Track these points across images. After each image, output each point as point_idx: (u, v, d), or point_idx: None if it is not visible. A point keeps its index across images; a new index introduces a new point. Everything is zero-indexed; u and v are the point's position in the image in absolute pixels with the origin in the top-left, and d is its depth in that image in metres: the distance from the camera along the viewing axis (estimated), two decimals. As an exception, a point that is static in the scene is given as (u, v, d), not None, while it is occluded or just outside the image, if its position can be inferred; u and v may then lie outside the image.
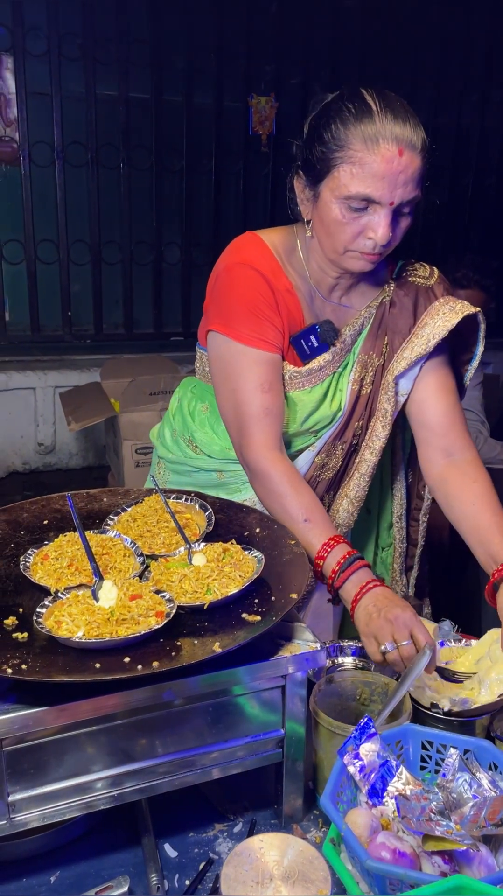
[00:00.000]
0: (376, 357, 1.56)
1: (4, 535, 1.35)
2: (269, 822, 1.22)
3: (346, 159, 1.32)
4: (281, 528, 1.36)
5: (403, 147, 1.31)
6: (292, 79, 4.65)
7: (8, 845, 1.11)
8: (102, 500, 1.48)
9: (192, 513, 1.41)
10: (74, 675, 0.99)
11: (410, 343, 1.54)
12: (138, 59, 4.32)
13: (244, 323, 1.47)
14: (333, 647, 1.59)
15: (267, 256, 1.50)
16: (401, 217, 1.39)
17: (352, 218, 1.36)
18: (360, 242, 1.39)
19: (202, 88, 4.52)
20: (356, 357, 1.56)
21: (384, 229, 1.35)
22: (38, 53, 4.15)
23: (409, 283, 1.57)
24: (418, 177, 1.35)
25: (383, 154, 1.30)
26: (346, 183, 1.33)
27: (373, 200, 1.33)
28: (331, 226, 1.39)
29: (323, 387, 1.56)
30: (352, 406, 1.58)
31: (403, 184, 1.32)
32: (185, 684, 1.05)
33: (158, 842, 1.17)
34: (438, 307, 1.54)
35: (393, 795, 1.08)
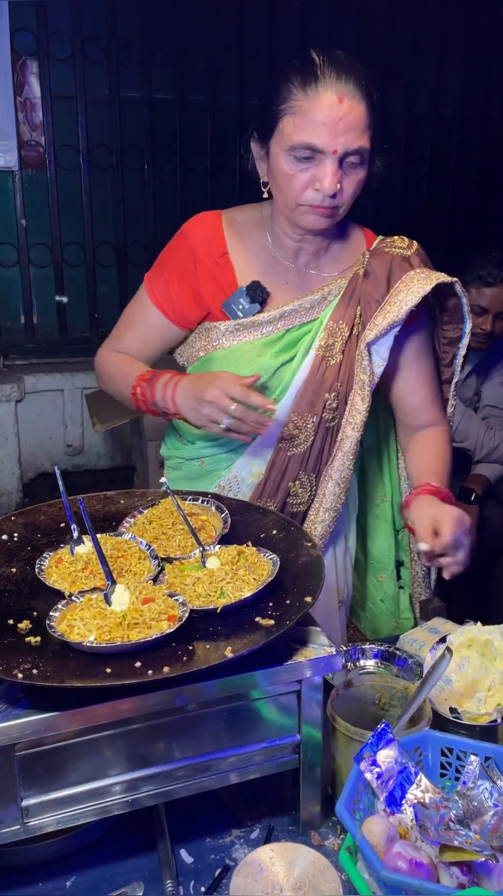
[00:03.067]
0: (346, 326, 1.55)
1: (21, 538, 1.35)
2: (287, 829, 1.20)
3: (289, 111, 1.36)
4: (297, 529, 1.34)
5: (343, 95, 1.34)
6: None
7: (23, 850, 1.11)
8: (119, 503, 1.48)
9: (209, 515, 1.39)
10: (85, 679, 0.98)
11: (383, 310, 1.53)
12: (161, 61, 4.32)
13: (154, 270, 1.63)
14: (354, 649, 1.57)
15: (208, 226, 1.56)
16: (350, 169, 1.39)
17: (300, 170, 1.37)
18: (309, 195, 1.40)
19: (225, 88, 4.50)
20: (324, 324, 1.55)
21: (330, 178, 1.36)
22: (62, 57, 4.17)
23: (385, 254, 1.57)
24: (363, 125, 1.37)
25: (323, 101, 1.33)
26: (290, 134, 1.36)
27: (317, 149, 1.35)
28: (280, 180, 1.41)
29: (271, 341, 1.55)
30: (316, 373, 1.56)
31: (345, 131, 1.34)
32: (198, 689, 1.03)
33: (174, 847, 1.16)
34: (413, 275, 1.53)
35: (411, 803, 1.06)
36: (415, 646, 1.58)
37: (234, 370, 1.51)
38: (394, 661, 1.55)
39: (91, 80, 4.23)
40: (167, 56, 4.33)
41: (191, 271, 1.56)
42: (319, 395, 1.57)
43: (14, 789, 1.02)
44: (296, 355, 1.56)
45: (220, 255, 1.55)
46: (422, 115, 4.93)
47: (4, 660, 1.01)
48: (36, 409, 4.40)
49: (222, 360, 1.56)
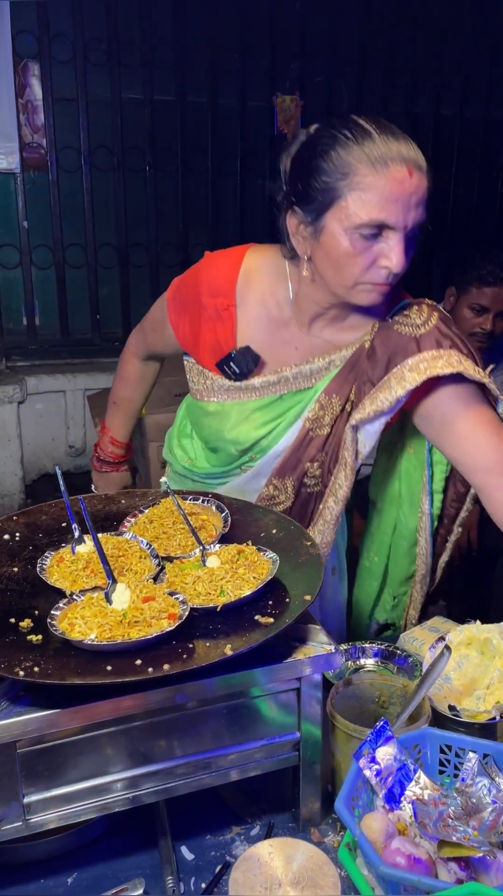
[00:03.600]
0: (338, 402, 1.48)
1: (23, 538, 1.36)
2: (287, 826, 1.21)
3: (355, 186, 1.25)
4: (297, 528, 1.35)
5: (412, 167, 1.26)
6: (317, 77, 4.62)
7: (25, 847, 1.12)
8: (120, 502, 1.49)
9: (209, 514, 1.40)
10: (86, 677, 0.99)
11: (372, 395, 1.44)
12: (162, 62, 4.33)
13: (177, 290, 1.61)
14: (354, 648, 1.58)
15: (223, 275, 1.49)
16: (410, 241, 1.31)
17: (364, 247, 1.29)
18: (373, 273, 1.31)
19: (226, 89, 4.51)
20: (317, 396, 1.49)
21: (399, 256, 1.28)
22: (63, 59, 4.18)
23: (393, 332, 1.45)
24: (426, 198, 1.30)
25: (394, 175, 1.24)
26: (357, 211, 1.26)
27: (388, 226, 1.27)
28: (340, 259, 1.31)
29: (262, 406, 1.51)
30: (300, 444, 1.52)
31: (415, 205, 1.27)
32: (198, 686, 1.04)
33: (175, 844, 1.17)
34: (413, 364, 1.41)
35: (410, 800, 1.07)
36: (415, 644, 1.59)
37: (223, 428, 1.54)
38: (394, 660, 1.56)
39: (92, 81, 4.25)
40: (168, 57, 4.34)
41: (195, 312, 1.53)
42: (301, 463, 1.55)
43: (16, 786, 1.03)
44: (282, 423, 1.52)
45: (225, 307, 1.48)
46: (423, 115, 4.94)
47: (6, 658, 1.02)
48: (38, 410, 4.41)
49: (214, 414, 1.55)
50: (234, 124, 4.58)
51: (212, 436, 1.59)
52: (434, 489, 1.71)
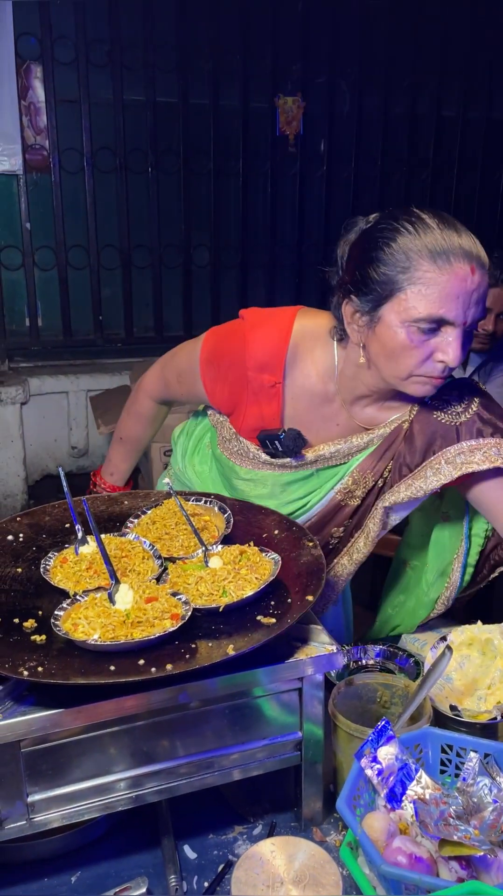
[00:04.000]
0: (371, 477, 1.49)
1: (26, 539, 1.37)
2: (289, 825, 1.21)
3: (416, 280, 1.24)
4: (299, 529, 1.35)
5: (474, 264, 1.24)
6: (319, 78, 4.63)
7: (29, 845, 1.13)
8: (123, 503, 1.49)
9: (211, 515, 1.41)
10: (90, 677, 1.00)
11: (407, 482, 1.44)
12: (165, 64, 4.34)
13: (211, 344, 1.54)
14: (356, 648, 1.59)
15: (270, 351, 1.43)
16: (468, 336, 1.30)
17: (422, 341, 1.27)
18: (429, 366, 1.29)
19: (229, 90, 4.52)
20: (350, 471, 1.49)
21: (457, 351, 1.26)
22: (66, 61, 4.20)
23: (433, 421, 1.43)
24: (485, 294, 1.28)
25: (456, 273, 1.22)
26: (416, 305, 1.24)
27: (447, 322, 1.25)
28: (396, 351, 1.30)
29: (298, 479, 1.52)
30: (330, 513, 1.53)
31: (475, 302, 1.25)
32: (201, 686, 1.05)
33: (178, 843, 1.18)
34: (451, 456, 1.40)
35: (411, 799, 1.07)
36: (417, 644, 1.60)
37: (253, 495, 1.53)
38: (396, 660, 1.57)
39: (95, 83, 4.26)
40: (170, 59, 4.35)
41: (237, 383, 1.48)
42: (326, 528, 1.56)
43: (20, 785, 1.03)
44: (316, 498, 1.52)
45: (272, 384, 1.44)
46: (425, 116, 4.95)
47: (10, 658, 1.03)
48: (41, 411, 4.42)
49: (246, 481, 1.54)
50: (236, 126, 4.59)
51: (242, 495, 1.57)
52: (468, 562, 1.66)
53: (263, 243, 4.81)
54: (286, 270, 4.92)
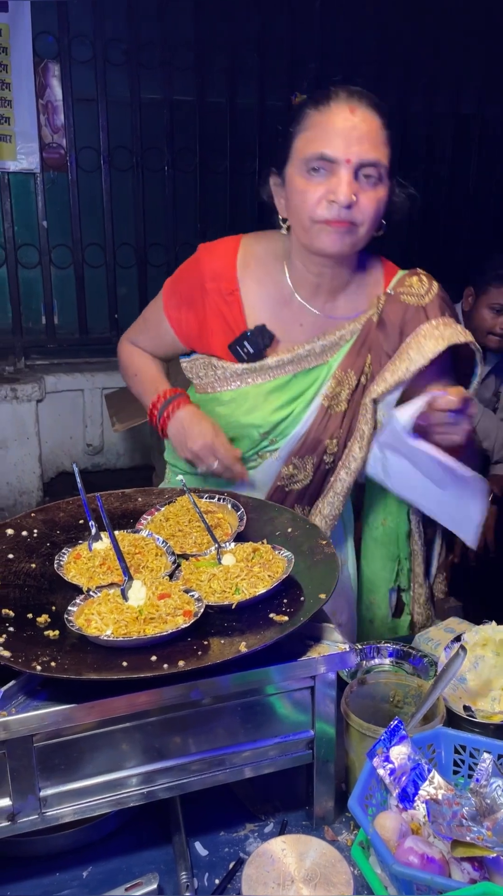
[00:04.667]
0: (354, 375, 1.52)
1: (41, 535, 1.38)
2: (301, 824, 1.21)
3: (304, 128, 1.38)
4: (313, 527, 1.35)
5: (356, 107, 1.35)
6: (335, 76, 4.60)
7: (41, 840, 1.13)
8: (137, 500, 1.50)
9: (225, 512, 1.41)
10: (102, 672, 1.00)
11: (392, 365, 1.49)
12: (181, 62, 4.35)
13: (172, 285, 1.62)
14: (369, 647, 1.58)
15: (222, 259, 1.53)
16: (367, 184, 1.37)
17: (314, 183, 1.36)
18: (324, 209, 1.36)
19: (245, 89, 4.52)
20: (332, 372, 1.52)
21: (344, 187, 1.33)
22: (83, 60, 4.21)
23: (400, 303, 1.50)
24: (378, 138, 1.36)
25: (335, 112, 1.34)
26: (303, 148, 1.36)
27: (330, 158, 1.34)
28: (295, 199, 1.39)
29: (278, 386, 1.53)
30: (320, 422, 1.54)
31: (358, 141, 1.33)
32: (212, 683, 1.05)
33: (189, 840, 1.18)
34: (426, 331, 1.47)
35: (424, 800, 1.07)
36: (430, 645, 1.59)
37: (239, 414, 1.54)
38: (409, 660, 1.56)
39: (112, 82, 4.28)
40: (188, 58, 4.35)
41: (199, 301, 1.55)
42: (321, 441, 1.56)
43: (32, 779, 1.04)
44: (301, 403, 1.54)
45: (230, 292, 1.52)
46: (443, 114, 4.92)
47: (24, 652, 1.03)
48: (56, 408, 4.44)
49: (229, 402, 1.55)
50: (253, 124, 4.59)
51: (229, 426, 1.57)
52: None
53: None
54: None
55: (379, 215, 1.42)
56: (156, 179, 4.49)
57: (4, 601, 1.18)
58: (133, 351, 1.74)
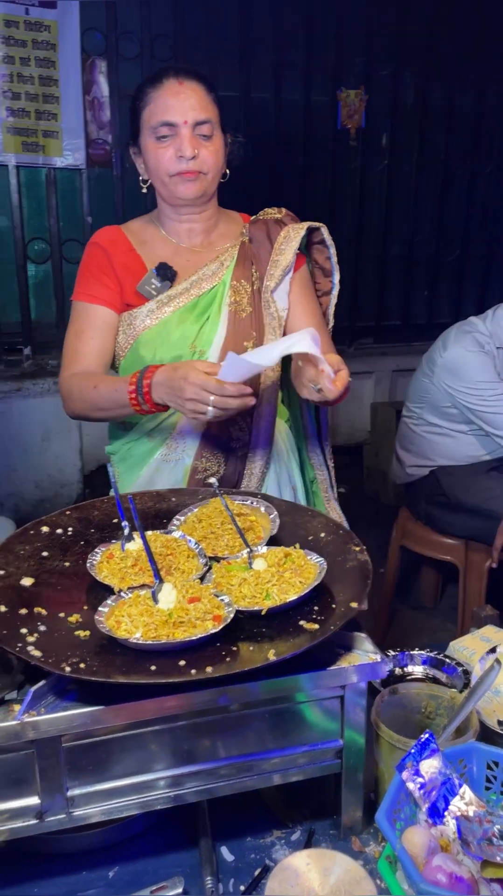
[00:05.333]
0: (247, 283, 1.76)
1: (75, 533, 1.39)
2: (328, 833, 1.20)
3: (145, 105, 1.67)
4: (346, 533, 1.33)
5: (182, 80, 1.65)
6: (382, 70, 4.56)
7: (69, 838, 1.14)
8: (171, 500, 1.50)
9: (258, 515, 1.40)
10: (131, 675, 1.00)
11: (273, 261, 1.77)
12: (227, 58, 4.34)
13: (79, 283, 1.78)
14: (402, 655, 1.56)
15: (110, 232, 1.80)
16: (205, 139, 1.65)
17: (164, 146, 1.65)
18: (174, 164, 1.65)
19: (291, 84, 4.49)
20: (229, 284, 1.76)
21: (185, 142, 1.63)
22: (130, 56, 4.23)
23: (260, 221, 1.82)
24: (204, 101, 1.64)
25: (167, 87, 1.64)
26: (148, 119, 1.66)
27: (171, 123, 1.63)
28: (151, 161, 1.68)
29: (189, 308, 1.73)
30: (233, 324, 1.74)
31: (190, 107, 1.63)
32: (240, 690, 1.04)
33: (216, 844, 1.17)
34: (288, 229, 1.80)
35: (454, 816, 1.05)
36: (466, 654, 1.56)
37: (163, 341, 1.71)
38: (443, 669, 1.53)
39: (158, 78, 4.28)
40: (233, 53, 4.34)
41: (107, 266, 1.76)
42: (240, 345, 1.73)
43: (60, 779, 1.04)
44: (212, 314, 1.75)
45: (128, 250, 1.77)
46: (492, 109, 4.83)
47: (54, 653, 1.04)
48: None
49: (154, 338, 1.72)
50: (298, 119, 4.55)
51: (155, 352, 1.71)
52: None
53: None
54: (344, 265, 4.87)
55: (219, 162, 1.70)
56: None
57: (38, 599, 1.19)
58: (77, 375, 1.73)
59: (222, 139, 1.72)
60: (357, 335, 5.02)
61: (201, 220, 1.79)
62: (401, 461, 2.93)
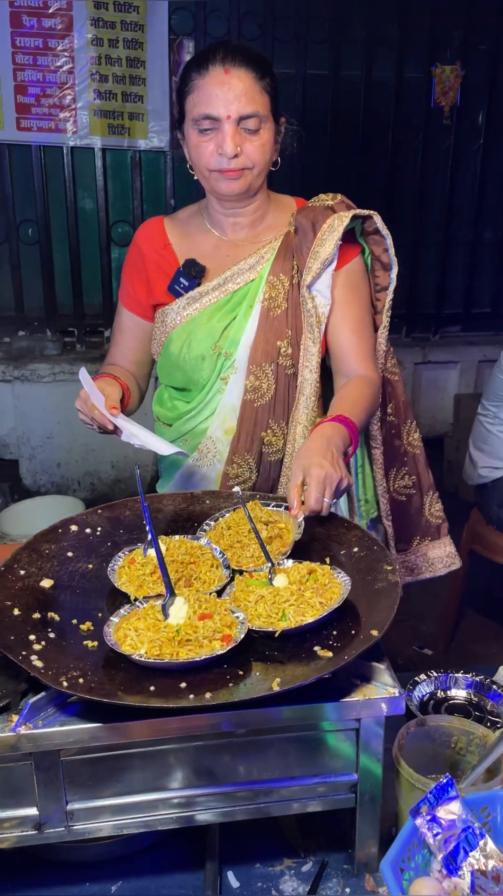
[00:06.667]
0: (286, 278, 1.64)
1: (104, 533, 1.36)
2: (342, 867, 1.14)
3: (190, 91, 1.53)
4: (381, 549, 1.25)
5: (230, 67, 1.49)
6: (480, 45, 4.32)
7: (73, 848, 1.12)
8: (204, 503, 1.45)
9: (289, 523, 1.33)
10: (128, 694, 0.97)
11: (313, 253, 1.61)
12: (317, 35, 4.21)
13: (121, 283, 1.78)
14: (446, 676, 1.47)
15: (150, 226, 1.73)
16: (250, 133, 1.52)
17: (205, 140, 1.53)
18: (215, 160, 1.53)
19: (382, 61, 4.32)
20: (265, 278, 1.65)
21: (227, 140, 1.50)
22: (218, 36, 4.16)
23: (309, 209, 1.66)
24: (252, 91, 1.50)
25: (212, 76, 1.50)
26: (191, 109, 1.53)
27: (213, 117, 1.50)
28: (192, 153, 1.57)
29: (219, 306, 1.65)
30: (265, 322, 1.64)
31: (235, 98, 1.48)
32: (243, 716, 0.99)
33: (222, 868, 1.13)
34: (334, 217, 1.62)
35: (471, 869, 0.96)
36: (514, 681, 1.45)
37: (189, 340, 1.64)
38: (488, 694, 1.44)
39: (245, 57, 4.20)
40: (323, 30, 4.21)
41: (140, 266, 1.71)
42: (272, 344, 1.64)
43: (59, 792, 1.02)
44: (241, 312, 1.65)
45: (163, 246, 1.70)
46: None
47: (56, 664, 1.01)
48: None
49: (181, 333, 1.66)
50: (388, 98, 4.38)
51: (184, 361, 1.66)
52: None
53: (409, 220, 4.60)
54: (431, 248, 4.69)
55: (266, 156, 1.56)
56: (284, 158, 4.38)
57: (54, 603, 1.17)
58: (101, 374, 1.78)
59: (272, 129, 1.57)
60: (443, 322, 4.83)
61: (246, 214, 1.66)
62: (473, 461, 2.78)
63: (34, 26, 3.98)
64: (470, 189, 4.66)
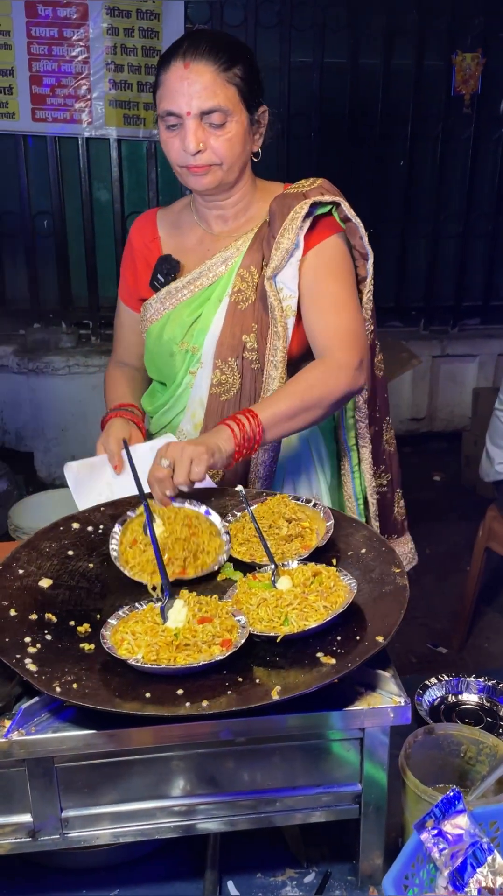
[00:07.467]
0: (256, 270, 1.59)
1: (106, 531, 1.33)
2: (346, 879, 1.10)
3: (157, 87, 1.49)
4: (389, 551, 1.21)
5: (190, 62, 1.43)
6: (502, 32, 4.23)
7: (70, 854, 1.10)
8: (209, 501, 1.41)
9: (315, 522, 1.29)
10: (123, 701, 0.94)
11: (276, 242, 1.54)
12: (335, 23, 4.14)
13: (119, 281, 1.77)
14: (457, 680, 1.44)
15: (143, 219, 1.72)
16: (216, 128, 1.46)
17: (171, 136, 1.48)
18: (182, 157, 1.48)
19: (402, 49, 4.24)
20: (235, 272, 1.60)
21: (188, 136, 1.44)
22: (235, 24, 4.10)
23: (283, 196, 1.57)
24: (215, 84, 1.43)
25: (173, 71, 1.45)
26: (158, 105, 1.49)
27: (175, 113, 1.45)
28: (163, 149, 1.53)
29: (190, 303, 1.62)
30: (232, 317, 1.60)
31: (196, 94, 1.43)
32: (242, 725, 0.96)
33: (223, 877, 1.10)
34: (302, 204, 1.52)
35: (478, 886, 0.93)
36: (528, 687, 1.41)
37: (163, 333, 1.63)
38: (501, 699, 1.40)
39: (262, 46, 4.13)
40: (341, 17, 4.14)
41: (131, 259, 1.71)
42: (237, 339, 1.60)
43: (54, 800, 0.99)
44: (207, 308, 1.61)
45: (151, 240, 1.69)
46: None
47: (50, 668, 0.98)
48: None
49: (156, 328, 1.65)
50: (407, 86, 4.31)
51: (159, 355, 1.66)
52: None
53: (427, 211, 4.52)
54: (450, 239, 4.61)
55: (236, 150, 1.49)
56: (300, 147, 4.33)
57: (51, 604, 1.15)
58: (109, 375, 1.84)
59: (244, 121, 1.49)
60: (462, 315, 4.75)
61: (227, 206, 1.60)
62: (490, 457, 2.72)
63: (49, 16, 3.95)
64: (490, 179, 4.58)
